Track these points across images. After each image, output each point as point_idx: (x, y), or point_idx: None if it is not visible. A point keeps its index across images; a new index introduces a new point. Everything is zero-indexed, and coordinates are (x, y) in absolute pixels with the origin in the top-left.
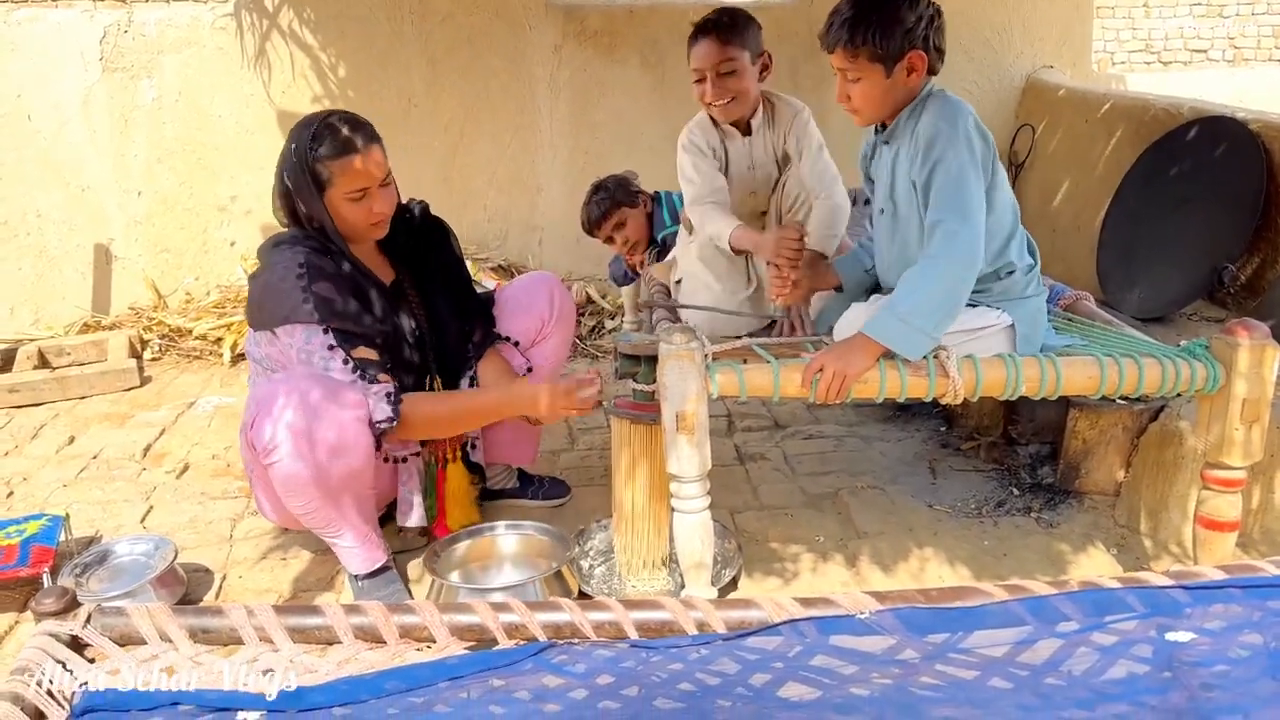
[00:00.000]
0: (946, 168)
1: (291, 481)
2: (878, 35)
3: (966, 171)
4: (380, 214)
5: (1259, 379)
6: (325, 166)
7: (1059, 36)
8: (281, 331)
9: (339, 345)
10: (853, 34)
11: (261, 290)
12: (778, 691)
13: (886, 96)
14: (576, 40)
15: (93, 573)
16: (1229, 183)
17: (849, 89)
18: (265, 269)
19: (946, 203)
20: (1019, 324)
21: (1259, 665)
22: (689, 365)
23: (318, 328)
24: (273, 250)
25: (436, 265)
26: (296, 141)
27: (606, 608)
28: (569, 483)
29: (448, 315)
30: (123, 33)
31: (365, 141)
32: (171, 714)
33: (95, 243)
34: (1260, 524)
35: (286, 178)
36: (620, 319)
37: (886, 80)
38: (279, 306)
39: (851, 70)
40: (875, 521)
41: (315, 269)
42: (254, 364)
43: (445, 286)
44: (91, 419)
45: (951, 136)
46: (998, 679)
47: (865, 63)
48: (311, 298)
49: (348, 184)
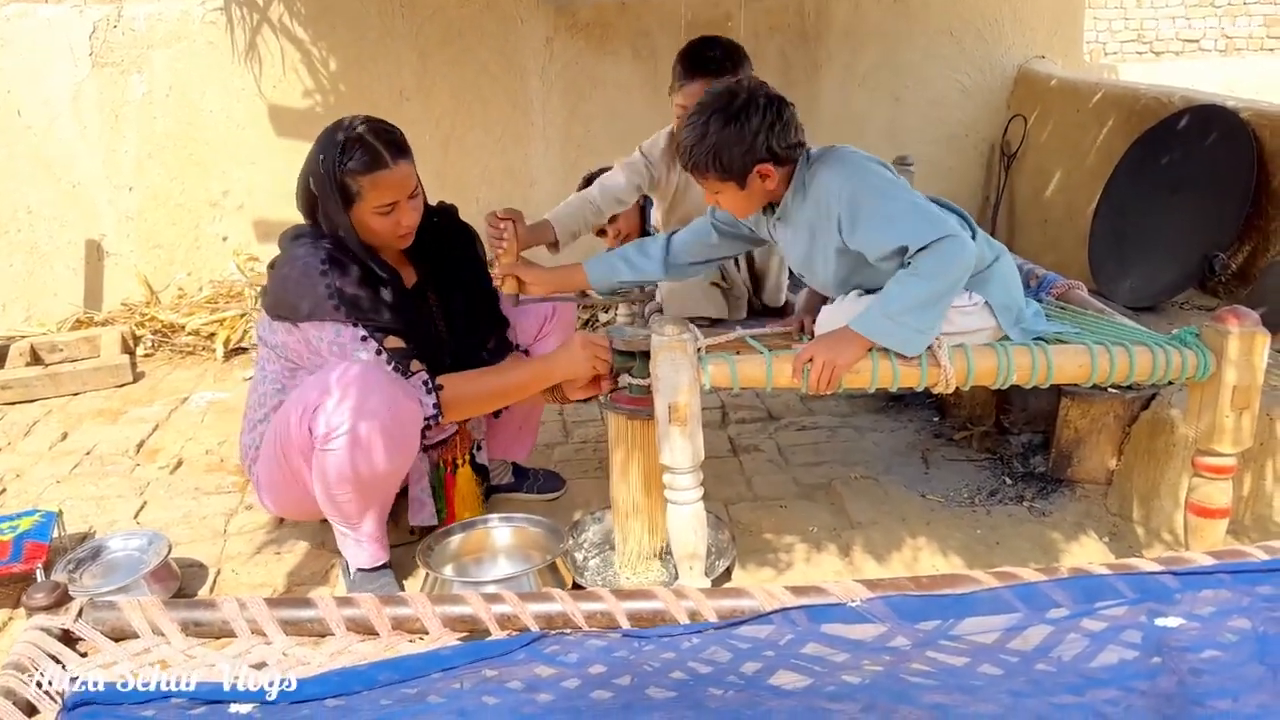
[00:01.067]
0: (883, 206)
1: (344, 470)
2: (719, 161)
3: (899, 194)
4: (408, 227)
5: (1249, 366)
6: (355, 181)
7: (1050, 27)
8: (308, 326)
9: (370, 336)
10: (695, 162)
11: (283, 284)
12: (769, 679)
13: (751, 200)
14: (568, 33)
15: (86, 568)
16: (1220, 171)
17: (714, 198)
18: (286, 262)
19: (910, 230)
20: (991, 298)
21: (1247, 650)
22: (681, 356)
23: (346, 323)
24: (294, 243)
25: (459, 270)
26: (325, 153)
27: (598, 598)
28: (564, 475)
29: (466, 321)
30: (112, 27)
31: (396, 156)
32: (164, 707)
33: (87, 239)
34: (1252, 510)
35: (312, 185)
36: (614, 313)
37: (743, 191)
38: (302, 301)
39: (708, 188)
40: (868, 511)
41: (338, 263)
42: (266, 349)
43: (466, 292)
44: (84, 415)
45: (863, 182)
46: (988, 665)
47: (716, 182)
48: (336, 294)
49: (376, 199)
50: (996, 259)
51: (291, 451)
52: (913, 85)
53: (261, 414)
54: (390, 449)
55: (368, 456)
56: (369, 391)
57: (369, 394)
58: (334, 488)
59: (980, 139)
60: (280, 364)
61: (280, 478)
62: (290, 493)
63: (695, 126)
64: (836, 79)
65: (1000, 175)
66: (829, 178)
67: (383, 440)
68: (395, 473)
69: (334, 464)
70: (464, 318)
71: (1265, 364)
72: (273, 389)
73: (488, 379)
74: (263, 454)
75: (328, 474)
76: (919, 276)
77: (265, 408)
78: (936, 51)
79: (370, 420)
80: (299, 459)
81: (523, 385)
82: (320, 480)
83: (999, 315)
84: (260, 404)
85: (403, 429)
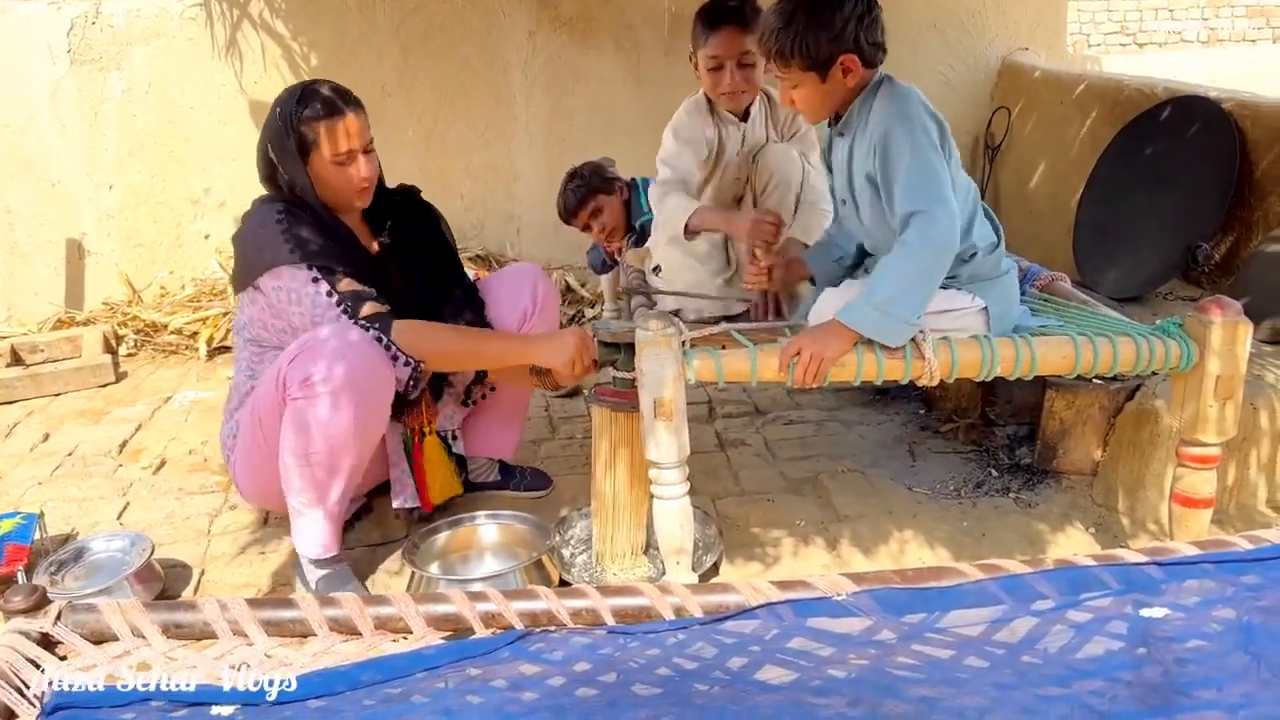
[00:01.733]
0: (907, 157)
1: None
2: (805, 46)
3: (927, 156)
4: (365, 179)
5: (1232, 356)
6: (310, 129)
7: (1034, 19)
8: (266, 279)
9: (323, 278)
10: (780, 47)
11: (242, 244)
12: (755, 674)
13: (827, 99)
14: (551, 26)
15: (68, 570)
16: (1203, 162)
17: (789, 94)
18: (244, 225)
19: (915, 191)
20: (992, 305)
21: (1232, 639)
22: (666, 351)
23: (301, 265)
24: (252, 207)
25: (421, 244)
26: (282, 106)
27: (583, 595)
28: (550, 471)
29: (430, 295)
30: (90, 24)
31: (349, 105)
32: (144, 710)
33: (67, 238)
34: (1236, 500)
35: (270, 144)
36: (600, 307)
37: (824, 85)
38: (260, 252)
39: (788, 79)
40: (855, 504)
41: (293, 214)
42: (238, 335)
43: (430, 267)
44: (66, 416)
45: (906, 126)
46: (974, 658)
47: (799, 72)
48: (291, 239)
49: (332, 147)
50: (1007, 272)
51: (269, 417)
52: (897, 77)
53: (237, 401)
54: (365, 397)
55: (345, 404)
56: (346, 346)
57: (346, 348)
58: (311, 443)
59: (964, 131)
60: (249, 351)
61: (258, 459)
62: (267, 473)
63: (783, 11)
64: None
65: (984, 167)
66: (883, 106)
67: (358, 389)
68: (370, 426)
69: (310, 412)
70: (428, 292)
71: (1248, 353)
72: (244, 377)
73: (461, 332)
74: (240, 437)
75: (308, 423)
76: (902, 254)
77: (240, 393)
78: (920, 44)
79: (345, 367)
80: (274, 422)
81: (499, 353)
82: (296, 434)
83: (994, 320)
84: (235, 391)
85: (378, 377)
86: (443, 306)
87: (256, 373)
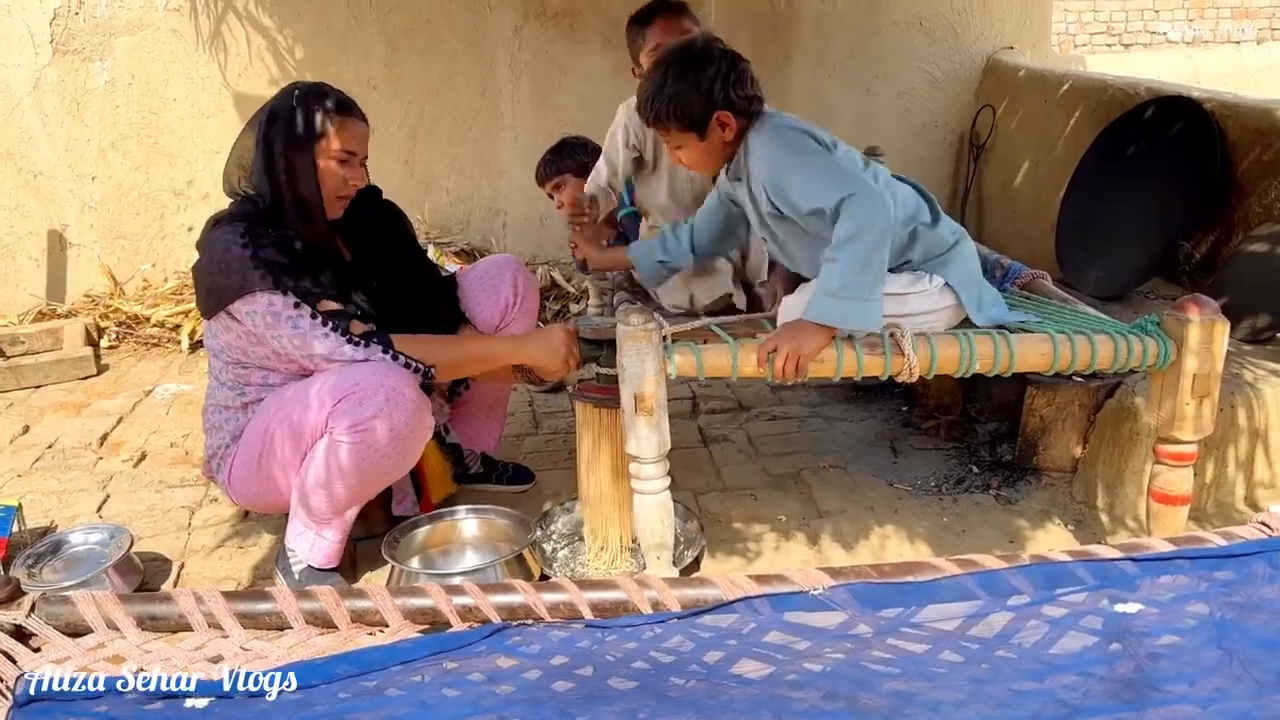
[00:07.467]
0: (797, 173)
1: (364, 460)
2: (678, 110)
3: (813, 159)
4: (352, 186)
5: (1209, 354)
6: (326, 118)
7: (1019, 18)
8: (239, 305)
9: (304, 302)
10: (656, 113)
11: (207, 271)
12: (731, 668)
13: (710, 153)
14: (537, 21)
15: (47, 563)
16: (1185, 162)
17: (676, 155)
18: (205, 251)
19: (823, 189)
20: (953, 281)
21: (1205, 635)
22: (647, 346)
23: (276, 292)
24: (211, 231)
25: (392, 246)
26: (295, 94)
27: (561, 589)
28: (533, 466)
29: (409, 295)
30: (73, 14)
31: (360, 115)
32: (117, 702)
33: (49, 229)
34: (1213, 498)
35: (272, 126)
36: (585, 303)
37: (703, 142)
38: (229, 279)
39: (669, 140)
40: (837, 500)
41: (257, 236)
42: (214, 358)
43: (403, 268)
44: (47, 408)
45: (781, 150)
46: (949, 652)
47: (678, 134)
48: (261, 264)
49: (340, 141)
50: (956, 243)
51: (293, 441)
52: (883, 76)
53: (223, 417)
54: (410, 447)
55: (391, 453)
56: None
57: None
58: (345, 479)
59: (949, 129)
60: (233, 373)
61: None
62: (274, 486)
63: (653, 80)
64: (807, 70)
65: (969, 165)
66: (756, 144)
67: (403, 441)
68: (407, 468)
69: (354, 454)
70: (406, 292)
71: (1225, 352)
72: (231, 393)
73: (455, 341)
74: (242, 453)
75: (343, 463)
76: (842, 246)
77: (228, 409)
78: (906, 42)
79: (392, 421)
80: (298, 444)
81: (493, 356)
82: (332, 468)
83: (960, 293)
84: (219, 407)
85: (422, 425)
86: (419, 305)
87: (247, 392)
